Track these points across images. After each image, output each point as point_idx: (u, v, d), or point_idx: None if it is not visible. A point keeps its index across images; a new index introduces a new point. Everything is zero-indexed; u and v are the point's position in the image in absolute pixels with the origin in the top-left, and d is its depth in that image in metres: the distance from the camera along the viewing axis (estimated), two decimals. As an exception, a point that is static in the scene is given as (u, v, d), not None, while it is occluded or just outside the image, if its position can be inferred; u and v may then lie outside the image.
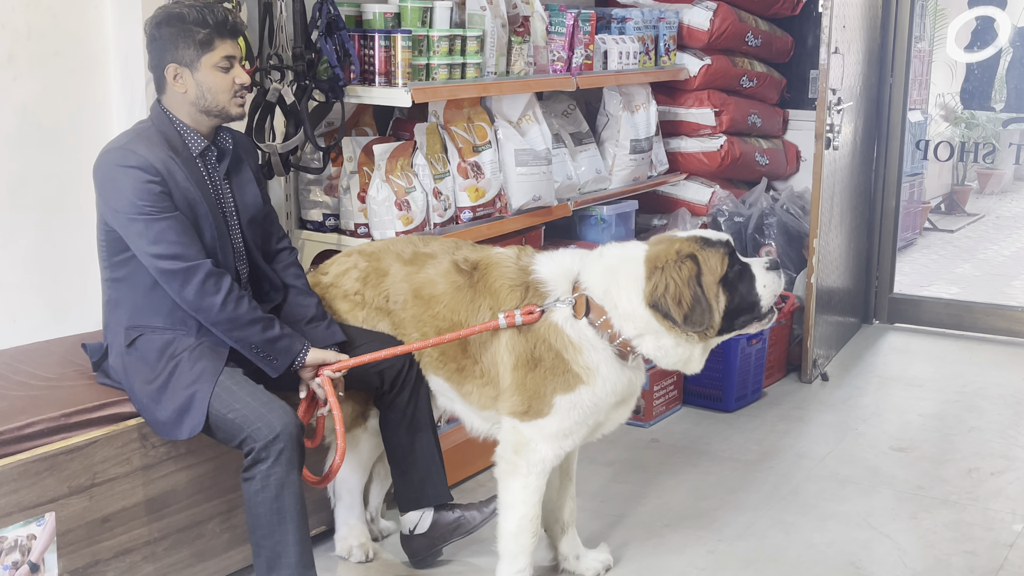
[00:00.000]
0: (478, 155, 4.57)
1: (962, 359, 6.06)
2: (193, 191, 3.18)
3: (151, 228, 3.09)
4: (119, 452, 3.14)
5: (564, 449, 3.35)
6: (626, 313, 3.21)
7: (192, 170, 3.21)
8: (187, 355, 3.16)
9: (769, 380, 5.52)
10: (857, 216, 6.30)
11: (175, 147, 3.21)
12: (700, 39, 5.98)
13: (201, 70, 3.20)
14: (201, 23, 3.17)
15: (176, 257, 3.09)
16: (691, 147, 6.14)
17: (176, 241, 3.09)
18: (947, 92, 9.89)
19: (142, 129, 3.25)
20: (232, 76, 3.23)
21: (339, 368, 3.30)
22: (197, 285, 3.10)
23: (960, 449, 4.77)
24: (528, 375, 3.27)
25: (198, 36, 3.17)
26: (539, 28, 4.86)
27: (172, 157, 3.17)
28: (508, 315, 3.25)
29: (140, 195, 3.08)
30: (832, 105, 5.47)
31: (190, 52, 3.19)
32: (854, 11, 5.74)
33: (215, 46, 3.19)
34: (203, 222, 3.20)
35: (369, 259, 3.58)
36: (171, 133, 3.23)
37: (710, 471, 4.51)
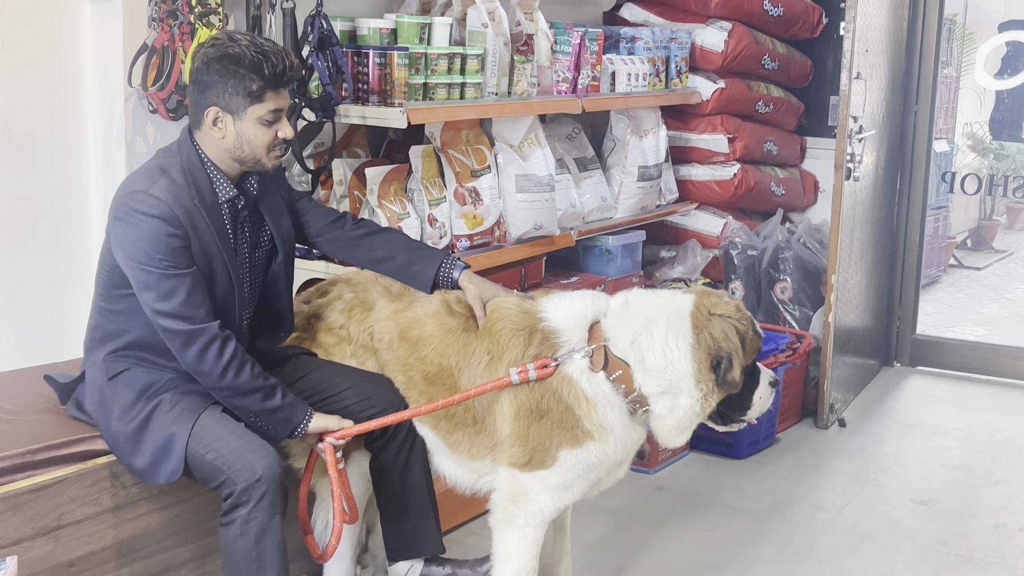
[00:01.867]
0: (476, 180, 4.59)
1: (989, 406, 6.06)
2: (214, 245, 3.16)
3: (162, 284, 3.06)
4: (87, 492, 3.13)
5: (564, 502, 3.33)
6: (655, 367, 3.18)
7: (215, 219, 3.18)
8: (169, 396, 3.15)
9: (783, 425, 5.51)
10: (878, 251, 6.32)
11: (202, 192, 3.17)
12: (714, 61, 6.01)
13: (245, 120, 3.14)
14: (257, 71, 3.09)
15: (182, 317, 3.07)
16: (703, 175, 6.17)
17: (186, 301, 3.07)
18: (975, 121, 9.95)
19: (169, 166, 3.17)
20: (275, 130, 3.17)
21: (342, 436, 3.28)
22: (199, 349, 3.08)
23: (986, 503, 4.76)
24: (532, 427, 3.24)
25: (251, 87, 3.10)
26: (543, 47, 4.89)
27: (197, 206, 3.14)
28: (521, 370, 3.20)
29: (158, 248, 3.05)
30: (853, 133, 5.50)
31: (237, 100, 3.12)
32: (877, 34, 5.78)
33: (265, 99, 3.12)
34: (218, 276, 3.19)
35: (355, 289, 3.58)
36: (200, 176, 3.18)
37: (719, 521, 4.50)
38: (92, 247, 3.93)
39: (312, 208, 3.57)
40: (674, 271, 6.05)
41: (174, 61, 3.71)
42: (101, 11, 3.83)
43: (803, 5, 6.36)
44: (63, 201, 3.86)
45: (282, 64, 3.13)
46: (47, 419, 3.27)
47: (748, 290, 6.05)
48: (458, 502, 4.17)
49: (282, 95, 3.17)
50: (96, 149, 3.91)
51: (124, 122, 3.85)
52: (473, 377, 3.32)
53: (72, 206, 3.90)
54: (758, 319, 5.95)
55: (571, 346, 3.23)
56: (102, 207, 3.90)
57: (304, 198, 3.58)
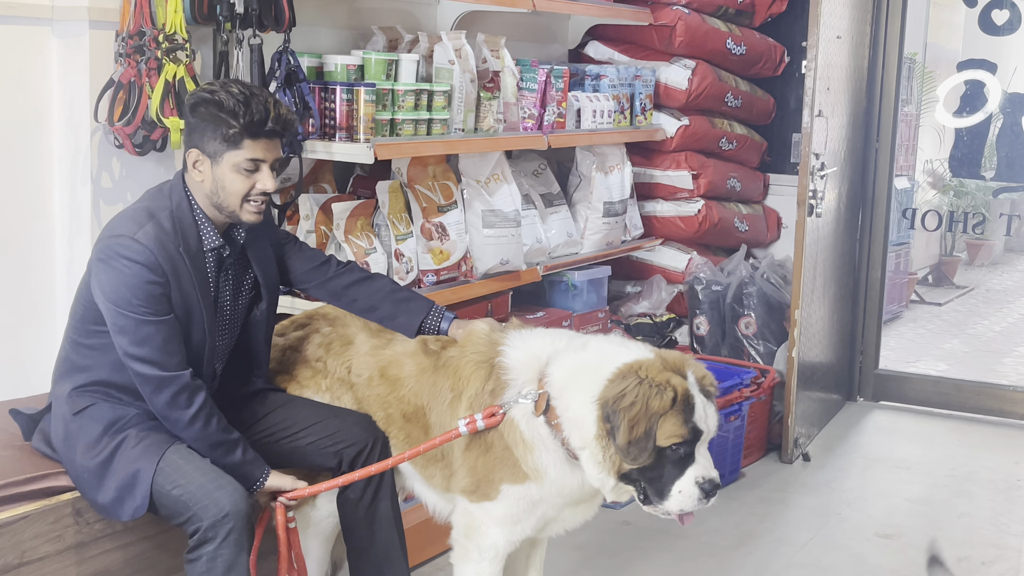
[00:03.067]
0: (443, 215, 4.61)
1: (951, 440, 6.11)
2: (194, 294, 3.15)
3: (139, 329, 3.06)
4: (51, 528, 3.10)
5: (516, 536, 3.32)
6: (574, 419, 3.12)
7: (198, 267, 3.17)
8: (135, 431, 3.14)
9: (748, 460, 5.54)
10: (841, 287, 6.38)
11: (188, 240, 3.15)
12: (678, 99, 6.07)
13: (222, 166, 3.11)
14: (235, 116, 3.05)
15: (155, 364, 3.07)
16: (667, 211, 6.22)
17: (160, 348, 3.06)
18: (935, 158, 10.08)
19: (158, 210, 3.15)
20: (253, 180, 3.12)
21: (294, 497, 3.28)
22: (169, 397, 3.08)
23: (949, 536, 4.80)
24: (479, 458, 3.26)
25: (228, 132, 3.06)
26: (510, 84, 4.93)
27: (182, 254, 3.12)
28: (469, 421, 3.19)
29: (137, 294, 3.05)
30: (815, 170, 5.56)
31: (215, 144, 3.09)
32: (838, 72, 5.86)
33: (242, 146, 3.08)
34: (195, 325, 3.19)
35: (333, 324, 3.59)
36: (188, 223, 3.16)
37: (685, 557, 4.51)
38: (57, 282, 3.91)
39: (297, 251, 3.55)
40: (639, 306, 6.09)
41: (140, 96, 3.72)
42: (67, 46, 3.83)
43: (766, 44, 6.44)
44: (28, 236, 3.85)
45: (263, 113, 3.08)
46: (10, 455, 3.25)
47: (712, 325, 6.09)
48: (425, 538, 4.17)
49: (262, 145, 3.12)
50: (61, 184, 3.89)
51: (90, 157, 3.84)
52: (440, 415, 3.35)
53: (36, 242, 3.88)
54: (722, 353, 6.04)
55: (519, 386, 3.23)
56: (67, 242, 3.90)
57: (291, 242, 3.57)
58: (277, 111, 3.13)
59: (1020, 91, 6.75)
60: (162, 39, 3.71)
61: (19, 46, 3.77)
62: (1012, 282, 11.46)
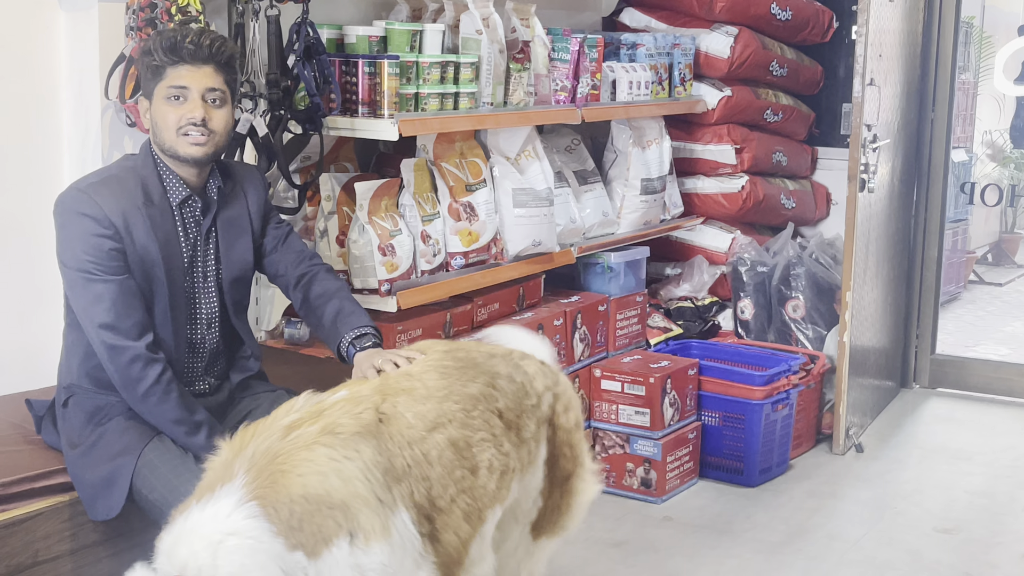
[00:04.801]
0: (471, 195, 4.62)
1: (1014, 429, 6.08)
2: (153, 250, 3.16)
3: (88, 289, 3.09)
4: (65, 526, 3.14)
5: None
6: None
7: (164, 223, 3.19)
8: (115, 423, 3.16)
9: (796, 451, 5.53)
10: (895, 267, 6.35)
11: (151, 195, 3.19)
12: (719, 68, 6.05)
13: (155, 102, 3.19)
14: (156, 48, 3.14)
15: (106, 327, 3.08)
16: (709, 188, 6.20)
17: (110, 309, 3.07)
18: (995, 129, 9.99)
19: (119, 169, 3.24)
20: (182, 111, 3.15)
21: None
22: (122, 366, 3.09)
23: (1013, 531, 4.78)
24: None
25: (152, 62, 3.16)
26: (541, 54, 4.93)
27: (140, 208, 3.15)
28: None
29: (86, 249, 3.08)
30: (867, 143, 5.53)
31: (149, 83, 3.20)
32: (891, 39, 5.81)
33: (166, 74, 3.15)
34: (156, 285, 3.18)
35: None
36: (151, 178, 3.21)
37: (729, 553, 4.51)
38: (67, 268, 3.95)
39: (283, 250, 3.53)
40: (680, 289, 6.08)
41: (153, 72, 3.74)
42: (76, 20, 3.85)
43: (813, 8, 6.41)
44: (37, 220, 3.87)
45: (180, 36, 3.14)
46: (23, 450, 3.29)
47: (758, 309, 6.07)
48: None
49: (185, 71, 3.15)
50: (71, 165, 3.92)
51: (100, 136, 3.87)
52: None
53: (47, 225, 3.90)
54: (768, 338, 6.03)
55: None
56: (77, 226, 3.93)
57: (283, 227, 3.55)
58: (196, 35, 3.16)
59: (1085, 56, 6.70)
60: (175, 11, 3.73)
61: (25, 21, 3.79)
62: (1078, 260, 11.37)
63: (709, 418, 5.24)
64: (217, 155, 3.28)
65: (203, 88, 3.18)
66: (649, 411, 4.99)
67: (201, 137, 3.17)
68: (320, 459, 2.58)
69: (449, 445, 2.81)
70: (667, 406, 5.02)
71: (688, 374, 5.16)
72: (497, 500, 2.94)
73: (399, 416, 2.77)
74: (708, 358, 5.41)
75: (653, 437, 4.98)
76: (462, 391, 2.94)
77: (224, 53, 3.21)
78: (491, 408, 2.97)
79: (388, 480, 2.65)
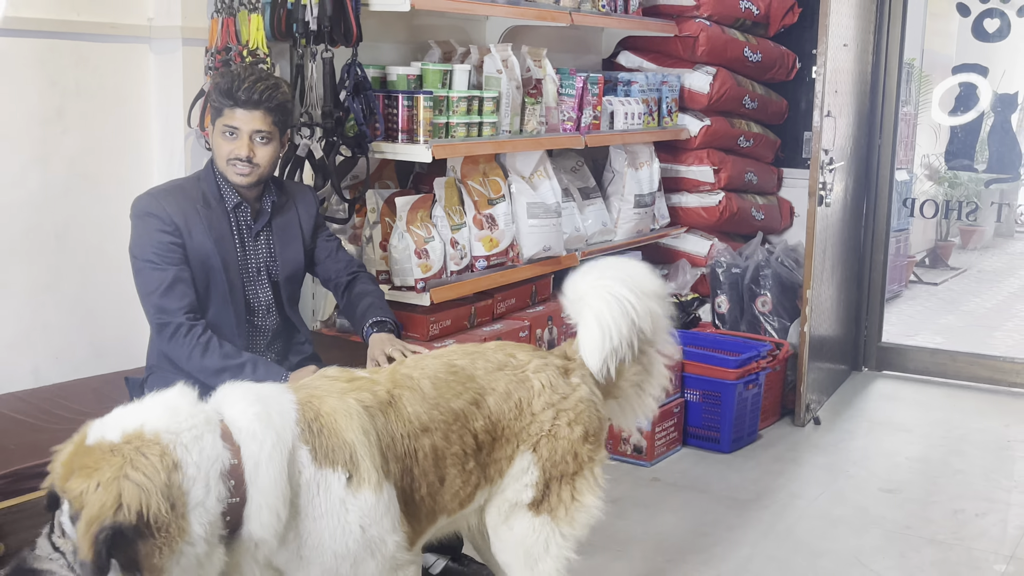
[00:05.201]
0: (493, 208, 4.62)
1: (947, 405, 6.05)
2: (209, 246, 3.19)
3: (149, 276, 3.13)
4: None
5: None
6: None
7: (219, 224, 3.23)
8: None
9: (764, 423, 5.52)
10: (847, 269, 6.33)
11: (209, 200, 3.23)
12: (700, 101, 6.04)
13: (214, 133, 3.24)
14: (219, 90, 3.19)
15: (159, 310, 3.12)
16: (691, 202, 6.19)
17: (163, 293, 3.11)
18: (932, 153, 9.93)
19: (185, 180, 3.32)
20: (232, 146, 3.18)
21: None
22: (167, 337, 3.13)
23: (945, 491, 4.76)
24: None
25: (215, 102, 3.21)
26: (551, 90, 4.93)
27: (199, 210, 3.19)
28: None
29: (151, 243, 3.13)
30: (824, 164, 5.51)
31: (212, 114, 3.26)
32: (845, 77, 5.80)
33: (223, 113, 3.19)
34: (213, 275, 3.22)
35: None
36: (210, 186, 3.26)
37: (707, 509, 4.51)
38: (156, 268, 3.96)
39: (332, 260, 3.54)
40: (666, 287, 6.07)
41: (228, 105, 3.75)
42: (163, 61, 3.87)
43: (779, 52, 6.38)
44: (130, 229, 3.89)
45: (244, 85, 3.14)
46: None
47: (732, 304, 6.06)
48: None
49: (238, 115, 3.17)
50: (160, 181, 3.92)
51: (183, 158, 3.88)
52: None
53: (138, 232, 3.93)
54: (741, 329, 6.02)
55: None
56: (164, 233, 3.94)
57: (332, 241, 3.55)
58: (253, 84, 3.16)
59: (1009, 92, 6.66)
60: (246, 54, 3.75)
61: (122, 61, 3.81)
62: (1001, 264, 11.31)
63: (691, 395, 5.24)
64: (261, 181, 3.29)
65: (251, 130, 3.19)
66: (640, 389, 4.98)
67: (245, 169, 3.21)
68: (351, 404, 2.57)
69: (432, 450, 2.69)
70: (656, 385, 5.00)
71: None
72: (447, 511, 2.79)
73: (403, 407, 2.69)
74: (690, 345, 5.40)
75: (644, 411, 4.97)
76: (447, 404, 2.75)
77: (274, 100, 3.20)
78: (467, 427, 2.77)
79: (388, 454, 2.60)
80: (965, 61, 6.64)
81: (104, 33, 3.73)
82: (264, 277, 3.36)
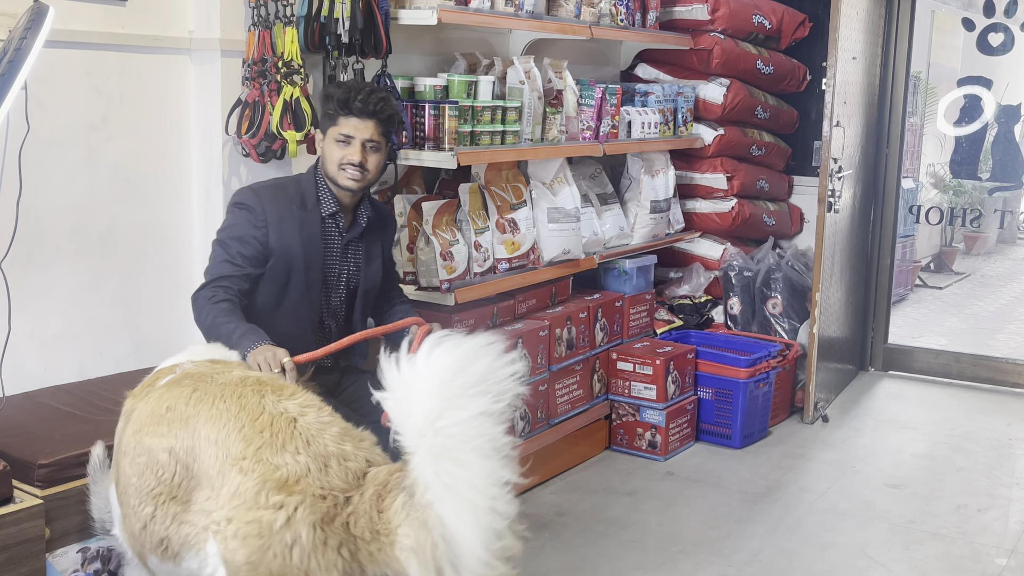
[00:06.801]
0: (515, 212, 4.62)
1: (950, 405, 6.02)
2: (297, 246, 3.22)
3: (215, 254, 3.20)
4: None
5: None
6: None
7: (311, 227, 3.26)
8: None
9: (774, 420, 5.50)
10: (855, 273, 6.30)
11: (306, 202, 3.27)
12: (714, 112, 6.02)
13: (326, 139, 3.27)
14: (334, 99, 3.23)
15: (207, 273, 3.18)
16: (705, 208, 6.17)
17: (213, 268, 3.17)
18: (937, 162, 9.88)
19: (288, 179, 3.38)
20: (344, 152, 3.22)
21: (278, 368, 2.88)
22: (194, 294, 3.15)
23: (949, 487, 4.73)
24: None
25: (329, 110, 3.25)
26: (571, 100, 4.92)
27: (294, 211, 3.24)
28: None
29: (237, 232, 3.18)
30: (833, 172, 5.49)
31: (324, 122, 3.30)
32: (854, 89, 5.77)
33: (338, 121, 3.23)
34: (294, 273, 3.25)
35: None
36: (309, 189, 3.30)
37: (720, 502, 4.49)
38: (194, 269, 3.98)
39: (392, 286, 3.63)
40: (681, 289, 6.06)
41: (263, 113, 3.76)
42: (203, 72, 3.89)
43: (790, 64, 6.36)
44: (170, 231, 3.92)
45: (355, 95, 3.20)
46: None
47: (744, 305, 6.04)
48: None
49: (354, 123, 3.22)
50: (198, 187, 3.96)
51: (222, 165, 3.90)
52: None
53: (178, 235, 3.96)
54: (752, 330, 6.00)
55: None
56: (203, 235, 3.96)
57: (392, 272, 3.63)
58: (367, 96, 3.21)
59: (1012, 103, 6.62)
60: (281, 65, 3.76)
61: (164, 72, 3.83)
62: (1003, 269, 11.23)
63: (704, 393, 5.23)
64: (368, 188, 3.34)
65: (364, 138, 3.24)
66: (655, 387, 4.98)
67: (356, 174, 3.24)
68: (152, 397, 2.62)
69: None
70: (670, 383, 5.00)
71: (687, 357, 5.15)
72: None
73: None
74: (703, 345, 5.39)
75: (658, 408, 4.97)
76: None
77: (385, 112, 3.26)
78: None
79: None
80: (970, 74, 6.60)
81: (147, 45, 3.75)
82: (343, 285, 3.39)
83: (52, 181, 3.52)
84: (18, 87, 2.77)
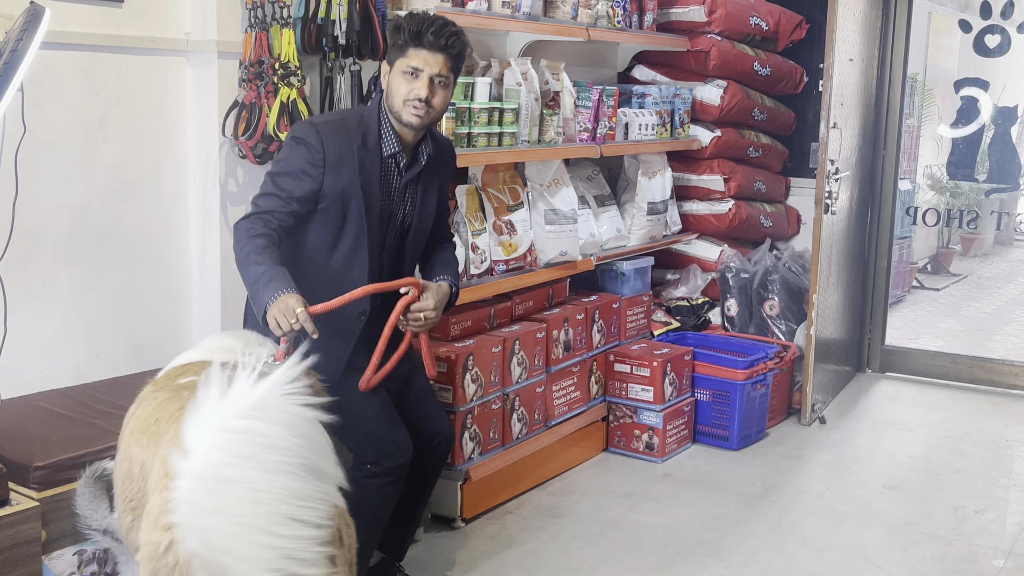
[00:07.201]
0: (512, 214, 4.61)
1: (947, 406, 6.01)
2: (355, 185, 3.09)
3: (264, 186, 3.09)
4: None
5: None
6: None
7: (371, 166, 3.13)
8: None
9: (771, 422, 5.49)
10: (852, 274, 6.30)
11: (367, 141, 3.14)
12: (711, 113, 6.02)
13: (392, 72, 3.13)
14: (405, 31, 3.07)
15: (253, 203, 3.08)
16: (702, 210, 6.17)
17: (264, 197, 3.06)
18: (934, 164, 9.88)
19: (350, 114, 3.22)
20: (412, 85, 3.08)
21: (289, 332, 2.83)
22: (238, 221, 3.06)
23: (946, 488, 4.72)
24: None
25: (399, 41, 3.09)
26: (568, 102, 4.92)
27: (355, 150, 3.10)
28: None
29: (290, 166, 3.06)
30: (830, 174, 5.49)
31: (392, 54, 3.13)
32: (850, 90, 5.77)
33: (407, 53, 3.08)
34: (351, 215, 3.12)
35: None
36: (372, 127, 3.16)
37: (717, 503, 4.48)
38: (191, 270, 3.98)
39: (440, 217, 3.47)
40: (678, 291, 6.05)
41: (260, 115, 3.76)
42: (199, 74, 3.88)
43: (787, 66, 6.36)
44: (167, 232, 3.91)
45: (427, 26, 3.06)
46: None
47: (741, 307, 6.04)
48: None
49: (424, 56, 3.08)
50: (195, 189, 3.96)
51: (218, 166, 3.89)
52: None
53: (175, 236, 3.95)
54: (749, 331, 5.99)
55: None
56: (199, 237, 3.96)
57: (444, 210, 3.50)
58: (440, 28, 3.08)
59: (1009, 105, 6.62)
60: (278, 67, 3.75)
61: (161, 73, 3.83)
62: (1000, 271, 11.23)
63: (701, 395, 5.22)
64: (432, 124, 3.21)
65: (433, 72, 3.10)
66: (653, 388, 4.97)
67: (422, 109, 3.11)
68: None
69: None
70: (667, 385, 4.99)
71: (684, 359, 5.14)
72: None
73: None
74: (700, 346, 5.39)
75: (656, 409, 4.96)
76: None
77: (456, 48, 3.13)
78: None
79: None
80: (967, 75, 6.60)
81: (144, 47, 3.74)
82: (397, 225, 3.27)
83: (49, 183, 3.52)
84: (15, 88, 2.77)
